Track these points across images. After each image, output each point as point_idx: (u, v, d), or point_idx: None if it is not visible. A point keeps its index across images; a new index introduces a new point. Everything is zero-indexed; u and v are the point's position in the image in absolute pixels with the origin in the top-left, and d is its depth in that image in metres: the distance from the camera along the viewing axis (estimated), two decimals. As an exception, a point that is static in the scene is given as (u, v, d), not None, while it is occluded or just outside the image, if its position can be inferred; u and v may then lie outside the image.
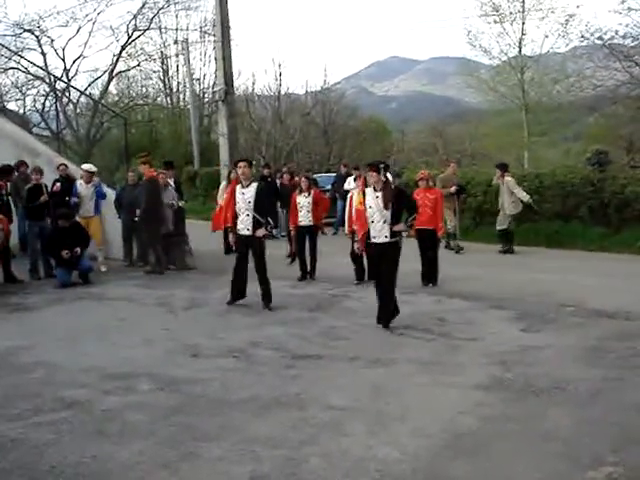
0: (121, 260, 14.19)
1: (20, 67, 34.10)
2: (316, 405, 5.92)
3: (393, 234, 8.67)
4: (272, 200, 10.61)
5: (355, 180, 12.51)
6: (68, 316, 9.77)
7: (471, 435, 5.24)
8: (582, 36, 26.92)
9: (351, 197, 12.24)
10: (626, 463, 4.68)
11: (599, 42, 25.85)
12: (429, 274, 11.39)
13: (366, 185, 8.94)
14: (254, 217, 9.76)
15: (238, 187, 9.93)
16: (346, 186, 18.23)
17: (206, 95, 37.81)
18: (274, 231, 18.61)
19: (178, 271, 13.38)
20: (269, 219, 9.90)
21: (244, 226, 9.86)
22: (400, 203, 8.77)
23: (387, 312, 8.71)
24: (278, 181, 19.38)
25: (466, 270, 12.62)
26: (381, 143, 42.64)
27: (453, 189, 15.26)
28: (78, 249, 11.91)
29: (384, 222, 8.64)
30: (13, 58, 32.68)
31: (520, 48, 31.92)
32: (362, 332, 8.54)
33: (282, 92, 37.92)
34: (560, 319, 9.06)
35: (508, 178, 15.11)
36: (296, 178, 18.37)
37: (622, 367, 6.91)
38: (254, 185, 9.89)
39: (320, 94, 39.06)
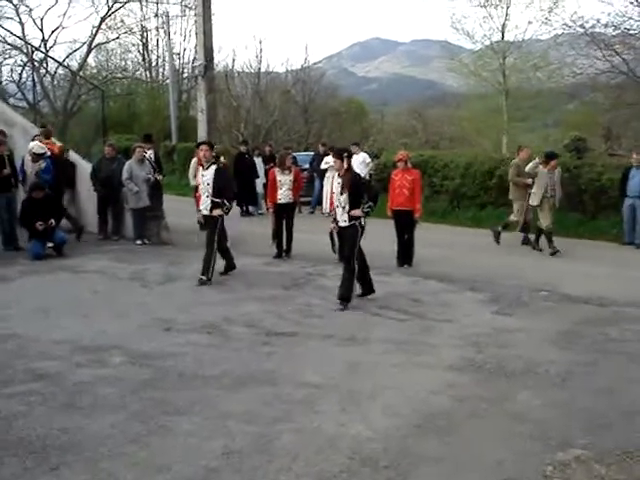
0: (95, 233, 14.05)
1: (-3, 36, 33.53)
2: (290, 382, 5.92)
3: (351, 218, 8.82)
4: (231, 182, 11.18)
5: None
6: (41, 288, 9.69)
7: (443, 415, 5.26)
8: (565, 24, 26.94)
9: (333, 177, 12.20)
10: (595, 446, 4.73)
11: (581, 30, 25.88)
12: (405, 255, 11.41)
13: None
14: (212, 200, 9.99)
15: (200, 169, 10.28)
16: (323, 165, 18.16)
17: (185, 70, 37.46)
18: (251, 208, 18.72)
19: (153, 245, 13.30)
20: (225, 201, 10.07)
21: (204, 207, 10.13)
22: (357, 190, 8.85)
23: (346, 288, 8.81)
24: (257, 159, 19.21)
25: (442, 252, 12.64)
26: (360, 124, 42.59)
27: (530, 180, 13.36)
28: (52, 220, 11.80)
29: (343, 208, 8.89)
30: (-10, 27, 32.12)
31: (503, 33, 31.98)
32: (337, 311, 8.54)
33: (262, 69, 37.72)
34: (533, 303, 9.11)
35: (559, 169, 13.59)
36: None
37: (594, 352, 6.98)
38: (212, 168, 10.09)
39: (301, 73, 38.89)
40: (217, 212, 10.01)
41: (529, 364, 6.50)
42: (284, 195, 12.10)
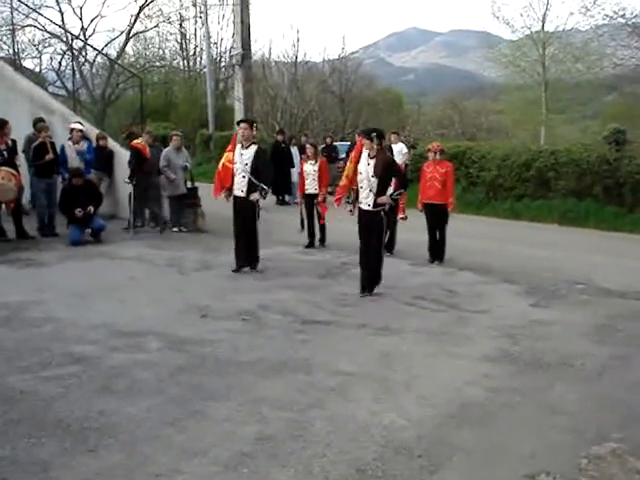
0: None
1: (37, 25, 33.83)
2: (323, 370, 5.94)
3: (375, 204, 8.65)
4: (271, 167, 10.51)
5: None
6: (79, 273, 9.81)
7: (477, 405, 5.25)
8: (606, 15, 26.59)
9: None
10: (630, 440, 4.69)
11: (623, 21, 25.55)
12: (436, 251, 11.01)
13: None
14: (249, 180, 9.71)
15: (238, 147, 9.83)
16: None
17: (223, 59, 37.62)
18: (287, 197, 18.79)
19: (189, 233, 13.40)
20: (263, 185, 9.75)
21: (239, 187, 9.81)
22: (388, 174, 8.66)
23: (374, 280, 8.85)
24: (293, 148, 19.24)
25: (477, 244, 12.56)
26: (397, 114, 42.40)
27: None
28: (91, 207, 11.93)
29: (370, 190, 8.65)
30: (30, 15, 32.41)
31: (543, 23, 31.57)
32: (371, 300, 8.55)
33: (299, 59, 37.62)
34: (570, 296, 9.04)
35: None
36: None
37: (630, 345, 6.91)
38: (254, 147, 9.79)
39: (337, 62, 38.73)
40: (254, 196, 9.71)
41: (565, 357, 6.45)
42: (310, 185, 12.10)
